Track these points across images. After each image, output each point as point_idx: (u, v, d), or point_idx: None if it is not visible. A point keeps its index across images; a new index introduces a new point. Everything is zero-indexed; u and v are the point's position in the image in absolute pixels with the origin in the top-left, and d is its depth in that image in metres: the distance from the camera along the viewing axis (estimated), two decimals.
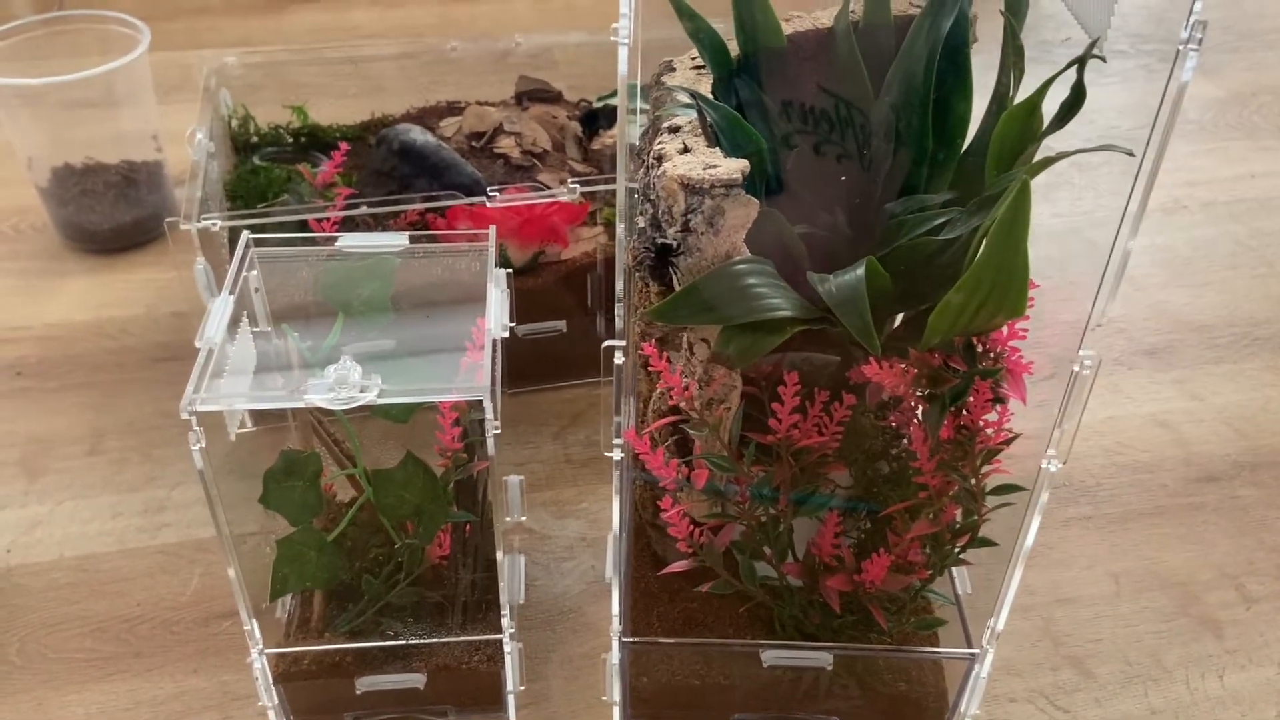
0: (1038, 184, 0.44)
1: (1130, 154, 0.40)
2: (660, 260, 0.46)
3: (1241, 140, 1.12)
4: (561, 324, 0.80)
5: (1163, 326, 0.88)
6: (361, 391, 0.47)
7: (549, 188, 0.79)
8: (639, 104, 0.53)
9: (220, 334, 0.50)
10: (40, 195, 0.94)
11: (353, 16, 1.34)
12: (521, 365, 0.80)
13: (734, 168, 0.44)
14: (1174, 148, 1.13)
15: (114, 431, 0.77)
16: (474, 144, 0.87)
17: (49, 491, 0.73)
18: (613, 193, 0.77)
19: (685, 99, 0.48)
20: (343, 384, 0.47)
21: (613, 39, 0.41)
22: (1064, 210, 1.04)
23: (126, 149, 0.94)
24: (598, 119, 0.90)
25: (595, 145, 0.87)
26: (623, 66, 0.39)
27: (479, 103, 0.91)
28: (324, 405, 0.46)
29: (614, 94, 0.91)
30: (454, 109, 0.91)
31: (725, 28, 0.53)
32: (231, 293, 0.52)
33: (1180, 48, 0.36)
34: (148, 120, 0.93)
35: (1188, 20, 0.35)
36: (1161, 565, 0.69)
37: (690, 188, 0.44)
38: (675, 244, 0.45)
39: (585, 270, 0.79)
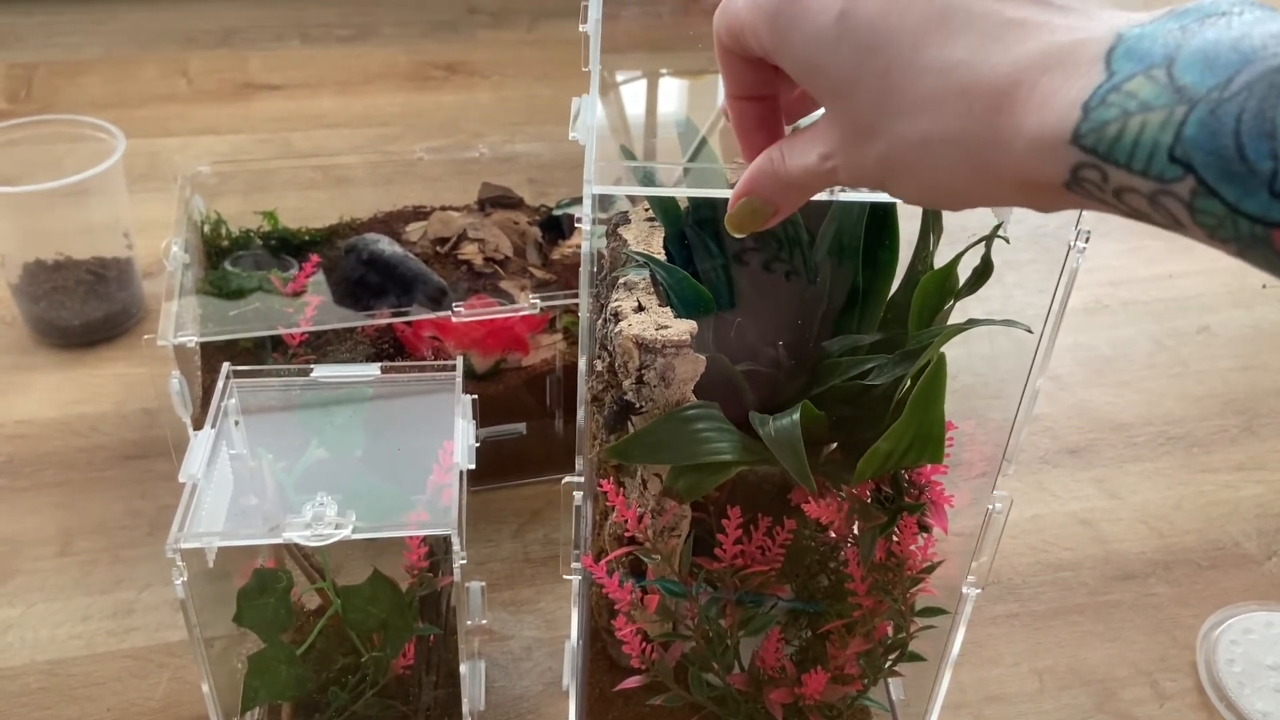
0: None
1: (1029, 330, 0.45)
2: (622, 415, 0.50)
3: (1160, 240, 1.20)
4: (521, 426, 0.84)
5: (1085, 425, 0.94)
6: (336, 528, 0.50)
7: (512, 298, 0.84)
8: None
9: (201, 469, 0.53)
10: (11, 291, 0.96)
11: (318, 104, 1.38)
12: (482, 465, 0.83)
13: (683, 329, 0.49)
14: (1097, 247, 1.22)
15: (83, 532, 0.79)
16: (439, 249, 0.91)
17: (19, 594, 0.75)
18: (572, 301, 0.81)
19: (640, 260, 0.53)
20: (319, 520, 0.50)
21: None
22: (995, 309, 1.11)
23: (98, 245, 0.97)
24: (558, 225, 0.94)
25: (555, 254, 0.91)
26: (585, 275, 0.44)
27: (444, 208, 0.96)
28: (301, 543, 0.50)
29: (572, 202, 0.96)
30: (419, 213, 0.95)
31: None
32: (213, 427, 0.56)
33: (1070, 244, 0.42)
34: (119, 218, 0.96)
35: (1075, 225, 0.41)
36: (1081, 662, 0.74)
37: (644, 347, 0.49)
38: (638, 404, 0.49)
39: (545, 374, 0.84)
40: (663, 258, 0.55)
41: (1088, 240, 0.42)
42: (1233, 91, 0.26)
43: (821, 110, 0.36)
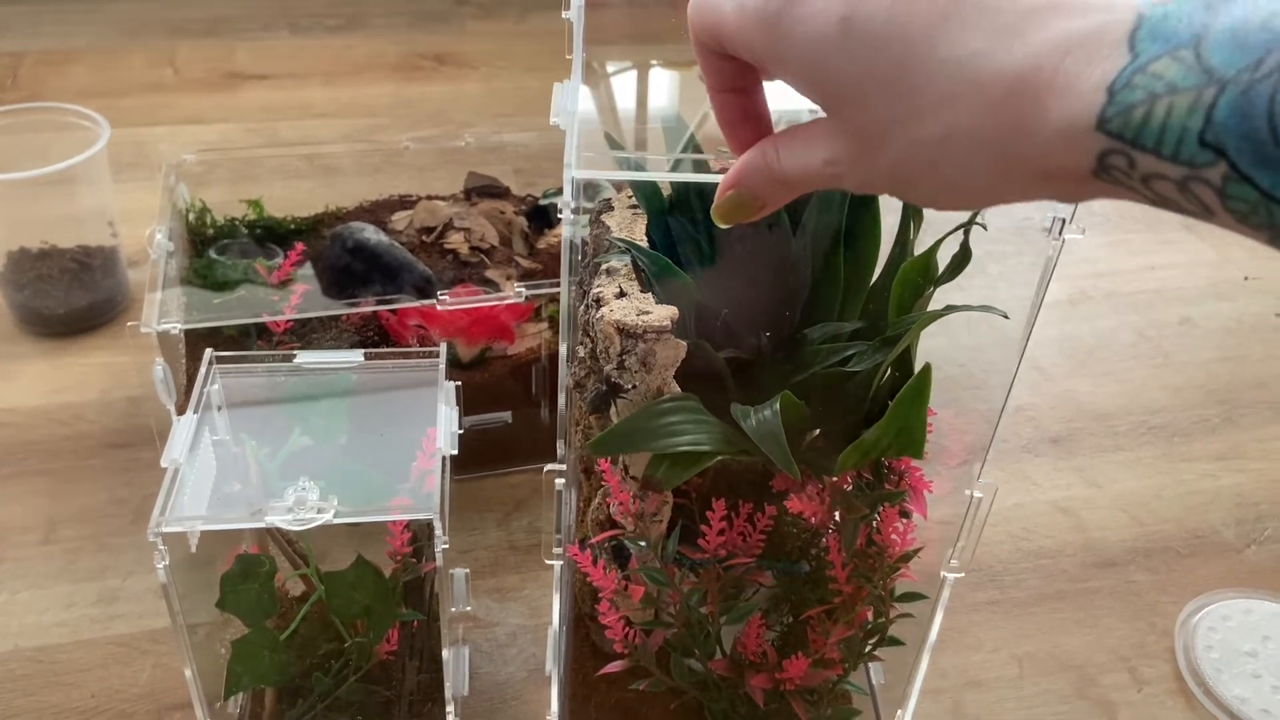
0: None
1: (1005, 316, 0.46)
2: (606, 398, 0.50)
3: (1143, 233, 1.20)
4: (507, 415, 0.84)
5: (1067, 414, 0.95)
6: (319, 512, 0.50)
7: (497, 287, 0.84)
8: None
9: (184, 454, 0.53)
10: None
11: (305, 95, 1.37)
12: (467, 454, 0.83)
13: (664, 314, 0.49)
14: (1080, 239, 1.22)
15: (68, 520, 0.79)
16: (424, 238, 0.91)
17: (4, 581, 0.75)
18: (557, 290, 0.82)
19: (622, 246, 0.53)
20: (301, 505, 0.50)
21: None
22: (979, 299, 1.12)
23: (82, 233, 0.97)
24: (544, 215, 0.95)
25: (541, 244, 0.92)
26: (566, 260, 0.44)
27: (430, 197, 0.96)
28: (283, 526, 0.50)
29: (559, 192, 0.96)
30: (405, 203, 0.95)
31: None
32: (195, 412, 0.56)
33: (1048, 229, 0.42)
34: (104, 206, 0.96)
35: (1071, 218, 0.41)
36: (1061, 649, 0.74)
37: (625, 332, 0.49)
38: (625, 385, 0.50)
39: (530, 363, 0.84)
40: (645, 244, 0.55)
41: (1063, 228, 0.42)
42: (1265, 72, 0.25)
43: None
